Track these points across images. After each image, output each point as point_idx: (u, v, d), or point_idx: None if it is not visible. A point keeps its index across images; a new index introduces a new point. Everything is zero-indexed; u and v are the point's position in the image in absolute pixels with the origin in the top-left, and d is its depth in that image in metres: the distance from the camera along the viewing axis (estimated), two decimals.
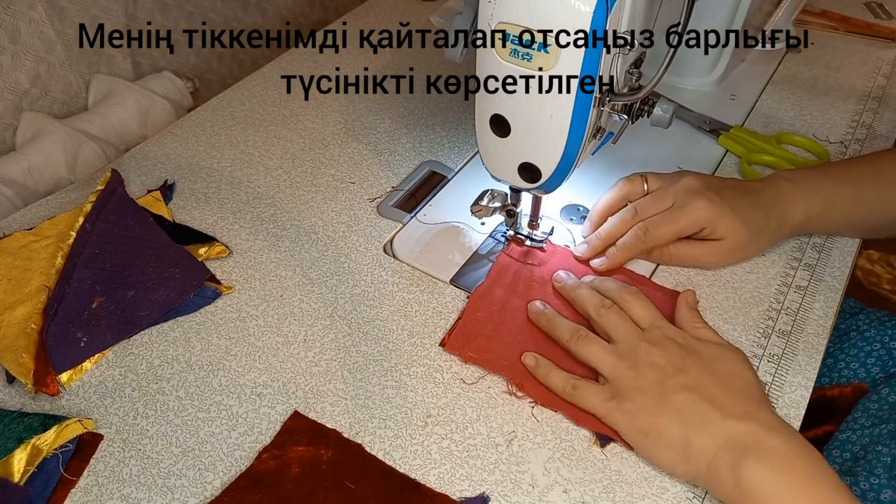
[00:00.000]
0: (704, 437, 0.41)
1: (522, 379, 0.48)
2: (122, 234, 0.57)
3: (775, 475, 0.39)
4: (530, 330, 0.52)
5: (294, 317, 0.53)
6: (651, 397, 0.44)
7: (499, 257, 0.57)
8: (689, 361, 0.45)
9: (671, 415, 0.43)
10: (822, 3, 0.89)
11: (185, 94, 0.82)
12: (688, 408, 0.43)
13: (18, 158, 0.67)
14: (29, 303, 0.53)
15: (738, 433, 0.41)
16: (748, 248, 0.55)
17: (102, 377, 0.50)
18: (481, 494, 0.43)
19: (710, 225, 0.53)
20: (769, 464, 0.39)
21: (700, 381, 0.44)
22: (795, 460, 0.40)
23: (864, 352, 0.64)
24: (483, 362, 0.50)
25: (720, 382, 0.44)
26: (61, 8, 0.70)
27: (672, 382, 0.44)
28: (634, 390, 0.44)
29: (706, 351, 0.46)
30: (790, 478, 0.39)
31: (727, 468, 0.40)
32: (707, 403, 0.43)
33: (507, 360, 0.50)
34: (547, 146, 0.47)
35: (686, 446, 0.42)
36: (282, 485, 0.43)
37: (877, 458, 0.53)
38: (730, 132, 0.69)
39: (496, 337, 0.51)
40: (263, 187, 0.65)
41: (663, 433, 0.43)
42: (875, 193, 0.56)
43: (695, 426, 0.42)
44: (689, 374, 0.44)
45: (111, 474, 0.44)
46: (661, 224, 0.54)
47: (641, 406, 0.44)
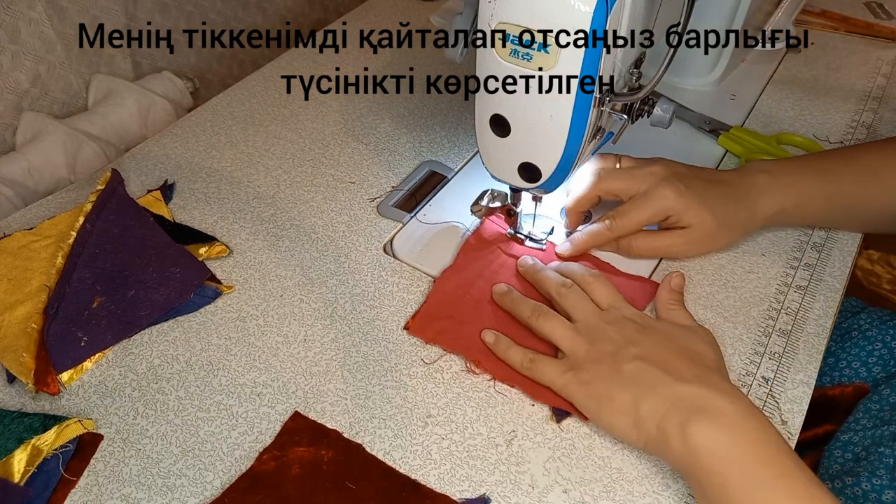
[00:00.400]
0: (653, 400, 0.42)
1: (480, 356, 0.50)
2: (122, 233, 0.57)
3: (724, 435, 0.39)
4: (492, 311, 0.53)
5: (294, 317, 0.53)
6: (605, 367, 0.45)
7: (465, 242, 0.58)
8: (644, 336, 0.46)
9: (622, 381, 0.44)
10: (822, 3, 0.89)
11: (185, 94, 0.82)
12: (639, 374, 0.43)
13: (18, 158, 0.67)
14: (29, 302, 0.53)
15: (687, 395, 0.41)
16: (717, 238, 0.55)
17: (102, 377, 0.50)
18: (482, 496, 0.43)
19: (676, 214, 0.53)
20: (718, 424, 0.40)
21: (653, 351, 0.45)
22: (743, 421, 0.40)
23: (865, 351, 0.64)
24: (443, 342, 0.51)
25: (675, 352, 0.45)
26: (61, 8, 0.70)
27: (625, 353, 0.45)
28: (590, 361, 0.45)
29: (665, 329, 0.47)
30: (739, 437, 0.39)
31: (676, 429, 0.40)
32: (658, 370, 0.43)
33: (465, 339, 0.51)
34: (547, 146, 0.47)
35: (636, 411, 0.42)
36: (282, 485, 0.43)
37: (878, 459, 0.53)
38: (729, 132, 0.69)
39: (457, 318, 0.52)
40: (263, 187, 0.65)
41: (614, 399, 0.43)
42: (855, 188, 0.56)
43: (645, 390, 0.43)
44: (643, 346, 0.45)
45: (111, 474, 0.44)
46: (627, 213, 0.54)
47: (595, 375, 0.45)
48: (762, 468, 0.38)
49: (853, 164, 0.56)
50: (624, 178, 0.55)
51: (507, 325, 0.52)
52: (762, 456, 0.39)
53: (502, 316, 0.52)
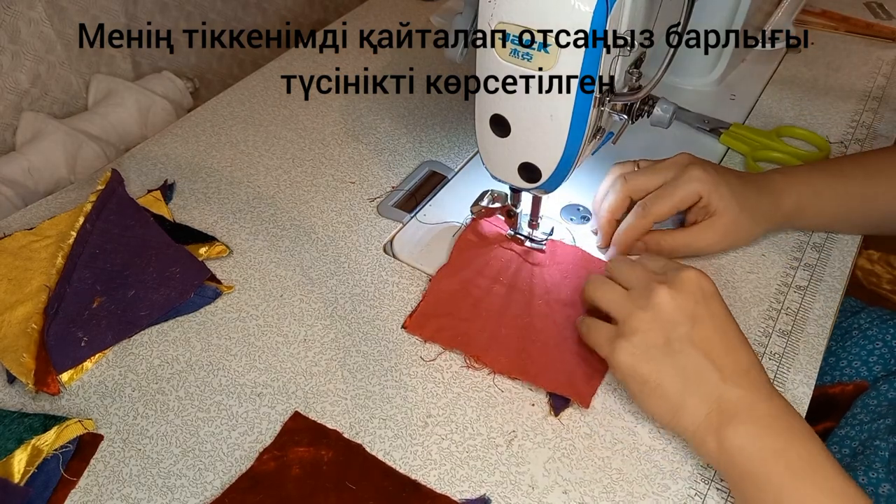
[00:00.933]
0: (699, 398, 0.42)
1: (479, 351, 0.50)
2: (122, 233, 0.57)
3: (759, 436, 0.40)
4: (491, 307, 0.53)
5: (294, 317, 0.53)
6: (657, 343, 0.43)
7: (459, 239, 0.58)
8: (703, 309, 0.44)
9: (674, 368, 0.43)
10: (822, 3, 0.89)
11: (185, 94, 0.82)
12: (692, 364, 0.42)
13: (18, 158, 0.67)
14: (29, 303, 0.53)
15: (731, 397, 0.41)
16: (742, 227, 0.55)
17: (102, 377, 0.50)
18: (482, 496, 0.43)
19: (706, 195, 0.53)
20: (753, 426, 0.40)
21: (707, 336, 0.43)
22: (778, 421, 0.41)
23: (865, 350, 0.64)
24: (441, 340, 0.51)
25: (725, 340, 0.44)
26: (61, 8, 0.70)
27: (683, 333, 0.43)
28: (644, 332, 0.44)
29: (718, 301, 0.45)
30: (774, 437, 0.40)
31: (713, 431, 0.41)
32: (709, 362, 0.42)
33: (464, 335, 0.51)
34: (547, 146, 0.47)
35: (681, 402, 0.42)
36: (282, 486, 0.43)
37: (874, 452, 0.53)
38: (729, 130, 0.70)
39: (456, 315, 0.52)
40: (263, 187, 0.65)
41: (662, 384, 0.43)
42: (867, 189, 0.56)
43: (694, 385, 0.42)
44: (702, 326, 0.43)
45: (111, 474, 0.44)
46: (659, 199, 0.54)
47: (645, 351, 0.43)
48: (796, 468, 0.39)
49: (864, 167, 0.57)
50: (648, 173, 0.55)
51: (506, 321, 0.52)
52: (796, 456, 0.39)
53: (502, 312, 0.52)
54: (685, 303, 0.44)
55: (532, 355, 0.50)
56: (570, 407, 0.47)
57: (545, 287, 0.54)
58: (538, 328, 0.51)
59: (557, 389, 0.47)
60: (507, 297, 0.54)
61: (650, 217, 0.54)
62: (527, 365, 0.49)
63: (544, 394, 0.48)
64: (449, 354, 0.51)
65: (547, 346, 0.50)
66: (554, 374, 0.48)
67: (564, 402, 0.47)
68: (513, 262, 0.56)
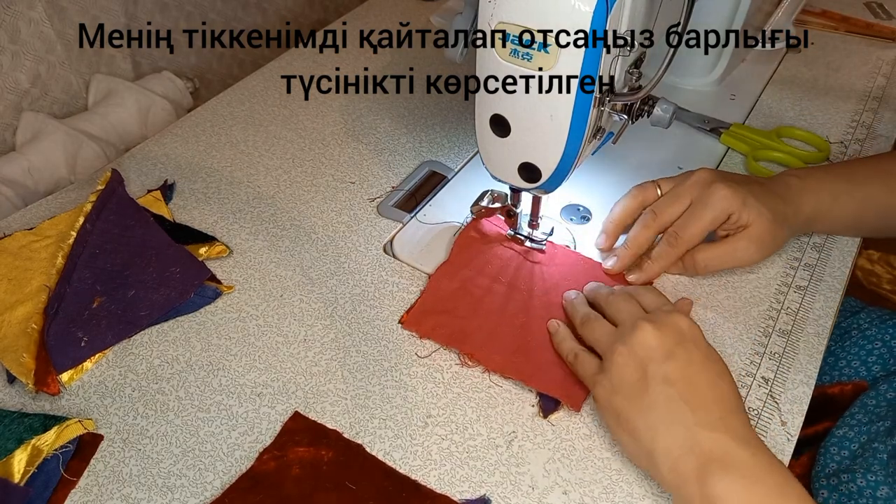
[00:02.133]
0: (670, 440, 0.40)
1: (473, 349, 0.50)
2: (122, 233, 0.57)
3: (744, 487, 0.38)
4: (489, 306, 0.53)
5: (294, 317, 0.53)
6: (633, 378, 0.43)
7: (459, 236, 0.58)
8: (682, 350, 0.43)
9: (645, 404, 0.42)
10: (822, 3, 0.89)
11: (185, 94, 0.82)
12: (663, 402, 0.41)
13: (18, 158, 0.67)
14: (29, 302, 0.53)
15: (706, 442, 0.40)
16: (775, 234, 0.53)
17: (102, 377, 0.50)
18: (482, 496, 0.43)
19: (737, 211, 0.52)
20: (737, 475, 0.38)
21: (685, 374, 0.42)
22: (764, 475, 0.39)
23: (865, 350, 0.64)
24: (437, 337, 0.51)
25: (706, 383, 0.42)
26: (61, 8, 0.70)
27: (657, 369, 0.42)
28: (620, 367, 0.44)
29: (706, 350, 0.45)
30: (758, 489, 0.38)
31: (693, 475, 0.39)
32: (684, 403, 0.41)
33: (460, 333, 0.51)
34: (547, 146, 0.47)
35: (651, 443, 0.41)
36: (282, 485, 0.43)
37: (873, 455, 0.53)
38: (730, 130, 0.70)
39: (453, 313, 0.52)
40: (263, 187, 0.65)
41: (631, 421, 0.42)
42: (882, 194, 0.56)
43: (664, 425, 0.41)
44: (677, 363, 0.43)
45: (111, 474, 0.44)
46: (688, 223, 0.53)
47: (621, 385, 0.43)
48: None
49: (879, 170, 0.57)
50: (672, 200, 0.54)
51: (504, 320, 0.52)
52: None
53: (500, 311, 0.52)
54: (665, 341, 0.44)
55: (527, 355, 0.50)
56: (559, 410, 0.47)
57: (544, 287, 0.54)
58: (535, 329, 0.51)
59: (549, 391, 0.47)
60: (506, 297, 0.54)
61: (682, 246, 0.53)
62: (521, 364, 0.49)
63: (535, 394, 0.48)
64: (448, 354, 0.51)
65: (542, 348, 0.50)
66: (547, 376, 0.48)
67: (554, 405, 0.47)
68: (513, 262, 0.56)
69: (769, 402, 0.48)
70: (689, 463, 0.39)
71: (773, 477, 0.39)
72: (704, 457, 0.39)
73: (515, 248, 0.57)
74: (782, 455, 0.45)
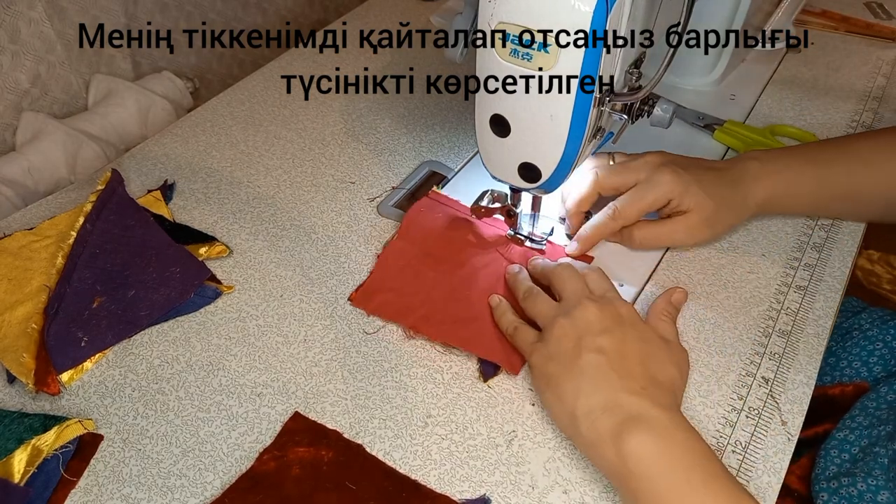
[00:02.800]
0: (592, 400, 0.42)
1: (417, 323, 0.52)
2: (122, 233, 0.57)
3: (656, 442, 0.40)
4: (432, 280, 0.55)
5: (294, 317, 0.53)
6: (568, 347, 0.45)
7: (407, 214, 0.60)
8: (620, 329, 0.45)
9: (574, 369, 0.44)
10: (822, 3, 0.89)
11: (185, 94, 0.82)
12: (592, 368, 0.43)
13: (18, 158, 0.67)
14: (29, 303, 0.53)
15: (624, 403, 0.41)
16: (717, 221, 0.55)
17: (103, 377, 0.50)
18: (482, 496, 0.43)
19: (677, 197, 0.53)
20: (650, 433, 0.40)
21: (618, 348, 0.44)
22: (675, 431, 0.40)
23: (866, 351, 0.64)
24: (383, 313, 0.53)
25: (638, 358, 0.44)
26: (61, 8, 0.70)
27: (591, 340, 0.44)
28: (558, 337, 0.45)
29: (645, 333, 0.46)
30: (670, 445, 0.40)
31: (609, 435, 0.41)
32: (612, 371, 0.43)
33: (405, 308, 0.53)
34: (547, 146, 0.47)
35: (574, 403, 0.43)
36: (282, 486, 0.43)
37: (874, 459, 0.53)
38: (724, 126, 0.70)
39: (398, 290, 0.54)
40: (263, 187, 0.65)
41: (560, 385, 0.44)
42: (845, 176, 0.56)
43: (589, 387, 0.43)
44: (612, 338, 0.44)
45: (111, 474, 0.44)
46: (630, 202, 0.54)
47: (557, 352, 0.45)
48: (691, 474, 0.39)
49: (844, 152, 0.57)
50: (620, 171, 0.55)
51: (448, 295, 0.53)
52: (691, 463, 0.39)
53: (444, 286, 0.54)
54: (605, 319, 0.46)
55: (468, 325, 0.51)
56: (498, 374, 0.49)
57: (485, 261, 0.56)
58: (477, 302, 0.53)
59: (488, 356, 0.49)
60: (450, 273, 0.55)
61: (619, 221, 0.55)
62: (461, 333, 0.51)
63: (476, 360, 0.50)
64: (449, 356, 0.51)
65: (483, 319, 0.52)
66: (486, 342, 0.50)
67: (494, 369, 0.49)
68: (457, 240, 0.58)
69: (769, 402, 0.48)
70: (607, 422, 0.41)
71: (683, 433, 0.41)
72: (622, 416, 0.41)
73: (462, 226, 0.59)
74: (782, 455, 0.45)
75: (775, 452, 0.45)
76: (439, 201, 0.61)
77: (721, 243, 0.59)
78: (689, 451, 0.40)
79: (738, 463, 0.44)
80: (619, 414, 0.41)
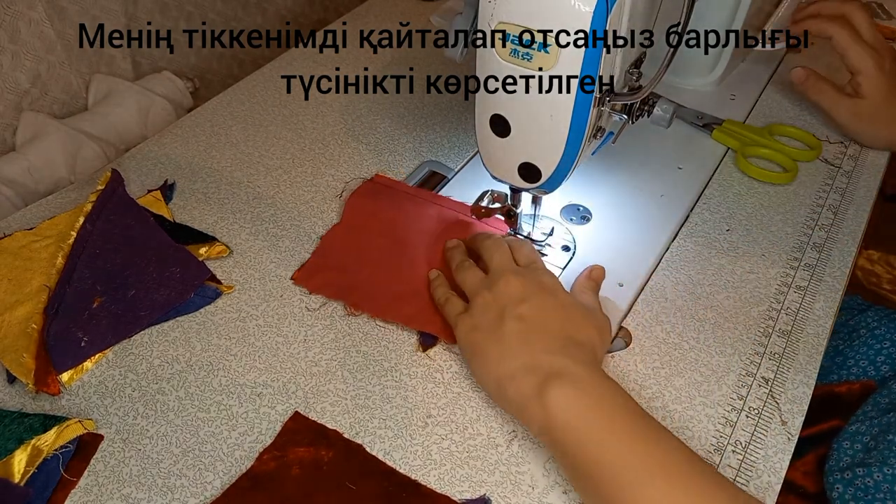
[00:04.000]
0: (513, 363, 0.44)
1: (358, 299, 0.53)
2: (122, 233, 0.57)
3: (579, 395, 0.41)
4: (375, 258, 0.57)
5: (294, 317, 0.53)
6: (492, 317, 0.46)
7: (350, 197, 0.61)
8: (542, 296, 0.47)
9: (497, 336, 0.45)
10: None
11: (185, 94, 0.82)
12: (513, 334, 0.45)
13: (18, 158, 0.67)
14: (29, 303, 0.53)
15: (545, 363, 0.43)
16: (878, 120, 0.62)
17: (103, 377, 0.50)
18: (482, 496, 0.43)
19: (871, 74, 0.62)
20: (573, 387, 0.41)
21: (538, 314, 0.46)
22: (597, 383, 0.42)
23: (873, 350, 0.63)
24: (326, 291, 0.54)
25: (558, 322, 0.46)
26: (61, 8, 0.70)
27: (514, 309, 0.46)
28: (482, 307, 0.47)
29: (566, 300, 0.48)
30: (593, 397, 0.41)
31: (533, 393, 0.42)
32: (533, 334, 0.45)
33: (348, 286, 0.54)
34: (547, 146, 0.47)
35: (497, 368, 0.44)
36: (282, 486, 0.43)
37: (888, 447, 0.52)
38: (722, 126, 0.70)
39: (340, 269, 0.56)
40: (263, 187, 0.65)
41: (485, 352, 0.46)
42: None
43: (511, 351, 0.44)
44: (533, 304, 0.46)
45: (111, 474, 0.44)
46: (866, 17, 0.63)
47: (481, 322, 0.47)
48: (614, 421, 0.40)
49: None
50: None
51: (390, 272, 0.55)
52: (612, 410, 0.41)
53: (387, 264, 0.56)
54: (526, 288, 0.47)
55: (408, 300, 0.53)
56: (437, 345, 0.51)
57: (426, 239, 0.58)
58: (418, 277, 0.55)
59: (425, 328, 0.51)
60: (393, 251, 0.57)
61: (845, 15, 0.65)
62: (401, 308, 0.52)
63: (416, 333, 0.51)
64: (448, 356, 0.51)
65: (420, 291, 0.54)
66: (424, 315, 0.52)
67: (433, 340, 0.51)
68: (401, 220, 0.59)
69: (769, 401, 0.48)
70: (530, 381, 0.43)
71: (605, 386, 0.42)
72: (544, 374, 0.42)
73: (407, 206, 0.60)
74: (783, 455, 0.45)
75: (775, 452, 0.45)
76: (384, 184, 0.63)
77: (721, 243, 0.59)
78: (611, 399, 0.41)
79: (738, 463, 0.44)
80: (540, 373, 0.43)
